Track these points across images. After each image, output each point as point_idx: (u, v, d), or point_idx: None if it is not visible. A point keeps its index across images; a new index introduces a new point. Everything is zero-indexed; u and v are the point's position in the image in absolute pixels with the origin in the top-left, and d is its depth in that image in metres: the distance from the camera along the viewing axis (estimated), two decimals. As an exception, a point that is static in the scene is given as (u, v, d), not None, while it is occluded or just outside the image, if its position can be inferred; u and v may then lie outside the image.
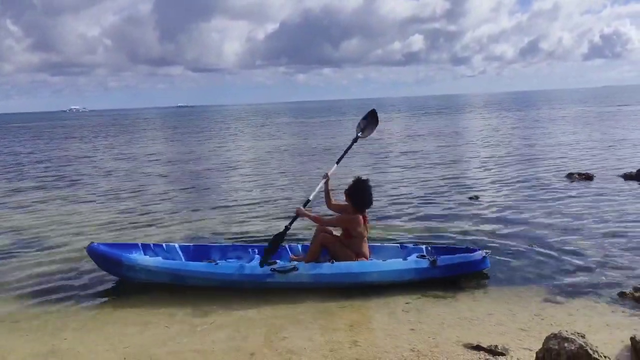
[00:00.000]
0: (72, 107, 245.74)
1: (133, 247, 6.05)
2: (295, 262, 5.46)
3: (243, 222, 8.74)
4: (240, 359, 4.02)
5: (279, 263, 5.48)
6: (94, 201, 11.20)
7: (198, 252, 6.11)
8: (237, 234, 7.89)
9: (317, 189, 5.96)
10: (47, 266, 6.53)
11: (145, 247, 6.08)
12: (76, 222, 9.08)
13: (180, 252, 6.08)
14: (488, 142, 20.75)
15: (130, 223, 8.86)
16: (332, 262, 5.38)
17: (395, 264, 5.48)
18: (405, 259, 5.64)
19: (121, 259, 5.57)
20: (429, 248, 6.01)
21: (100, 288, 5.73)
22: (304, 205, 5.84)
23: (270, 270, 5.32)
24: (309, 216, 5.72)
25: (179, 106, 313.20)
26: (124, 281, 5.77)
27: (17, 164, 19.45)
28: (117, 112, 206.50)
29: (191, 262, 5.71)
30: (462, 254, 5.64)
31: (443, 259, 5.49)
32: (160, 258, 5.79)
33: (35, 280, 6.04)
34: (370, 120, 6.71)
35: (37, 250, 7.31)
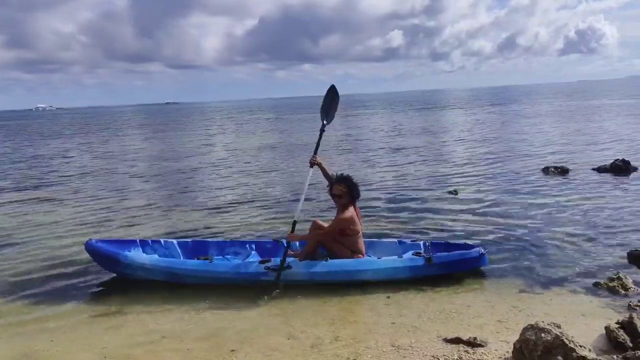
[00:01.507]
0: (39, 105, 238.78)
1: (131, 243, 6.03)
2: (290, 260, 5.39)
3: (230, 217, 8.72)
4: (221, 357, 4.00)
5: (273, 261, 5.43)
6: (71, 200, 11.01)
7: (196, 248, 6.08)
8: (226, 230, 7.89)
9: (304, 192, 5.77)
10: (21, 268, 6.40)
11: (144, 244, 6.05)
12: (52, 222, 8.90)
13: (178, 248, 6.05)
14: (466, 138, 20.95)
15: (109, 221, 8.76)
16: (327, 260, 5.38)
17: (391, 262, 5.42)
18: (401, 255, 5.61)
19: (118, 257, 5.56)
20: (427, 244, 5.85)
21: (77, 289, 5.63)
22: (292, 229, 5.61)
23: (264, 268, 5.32)
24: (302, 238, 5.65)
25: (167, 103, 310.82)
26: (101, 281, 5.72)
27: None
28: (90, 109, 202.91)
29: (187, 261, 5.70)
30: (458, 251, 5.54)
31: (439, 257, 5.40)
32: (156, 256, 5.77)
33: (10, 281, 5.92)
34: (331, 100, 6.17)
35: (11, 252, 7.16)
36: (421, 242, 5.99)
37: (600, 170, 11.39)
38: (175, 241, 6.21)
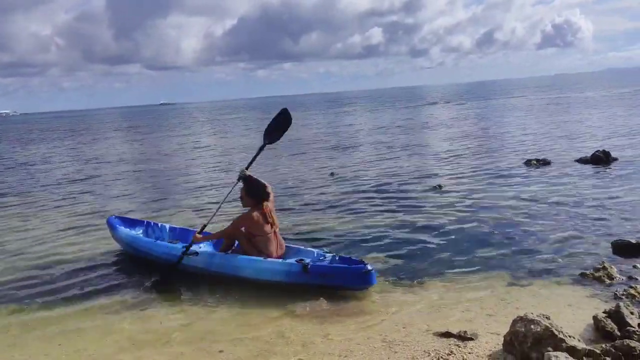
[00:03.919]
0: (1, 111, 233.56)
1: (139, 223, 7.14)
2: (206, 250, 5.78)
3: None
4: (209, 358, 3.95)
5: (192, 247, 5.72)
6: (47, 207, 10.81)
7: (181, 233, 6.73)
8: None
9: (224, 198, 6.01)
10: (2, 276, 6.26)
11: (148, 224, 7.07)
12: (32, 228, 8.74)
13: (167, 232, 6.87)
14: (448, 133, 21.10)
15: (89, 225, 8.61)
16: (227, 253, 5.64)
17: (271, 264, 5.34)
18: (285, 259, 5.51)
19: (114, 230, 6.80)
20: (336, 257, 5.46)
21: (61, 295, 5.52)
22: (200, 231, 5.76)
23: (181, 253, 5.63)
24: (206, 239, 5.80)
25: (162, 103, 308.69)
26: (84, 289, 5.70)
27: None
28: (65, 113, 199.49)
29: (143, 239, 6.51)
30: (337, 265, 5.19)
31: (315, 266, 5.10)
32: (132, 232, 6.74)
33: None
34: (278, 124, 6.18)
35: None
36: (329, 255, 5.56)
37: (581, 161, 11.56)
38: (167, 225, 7.05)
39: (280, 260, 5.47)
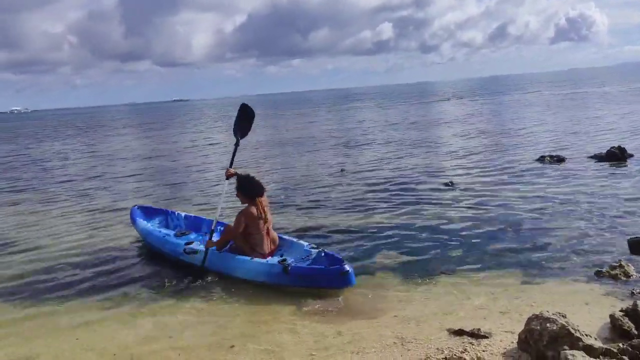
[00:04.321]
0: (13, 108, 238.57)
1: (160, 212, 7.42)
2: (200, 247, 5.84)
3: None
4: (221, 354, 3.95)
5: (194, 244, 6.02)
6: (66, 201, 10.90)
7: (194, 222, 7.00)
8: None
9: (222, 198, 6.02)
10: (16, 271, 6.33)
11: (167, 213, 7.33)
12: (47, 223, 8.81)
13: (183, 220, 7.11)
14: (461, 129, 20.94)
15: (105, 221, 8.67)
16: (220, 252, 5.69)
17: (256, 264, 5.37)
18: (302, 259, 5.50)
19: (134, 222, 7.08)
20: (321, 253, 5.45)
21: (76, 290, 5.57)
22: (210, 236, 5.84)
23: (183, 250, 5.93)
24: (215, 244, 5.73)
25: (175, 100, 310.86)
26: (96, 282, 5.76)
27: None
28: (73, 111, 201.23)
29: (154, 233, 6.63)
30: (318, 267, 5.18)
31: (295, 268, 5.11)
32: (147, 226, 6.88)
33: (6, 286, 5.85)
34: (243, 119, 6.43)
35: (9, 255, 7.08)
36: (315, 250, 5.56)
37: (596, 158, 11.40)
38: (183, 214, 7.28)
39: (265, 260, 5.46)
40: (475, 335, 3.92)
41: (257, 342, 4.10)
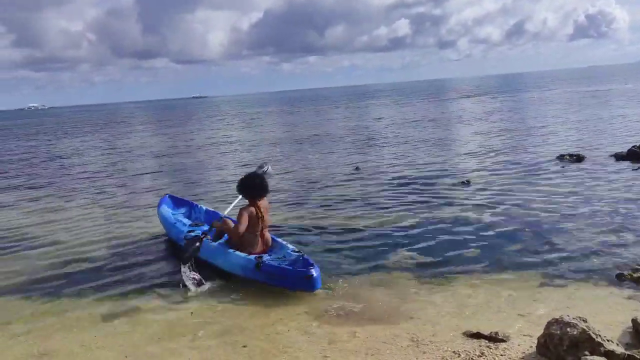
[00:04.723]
0: (30, 104, 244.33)
1: (186, 203, 7.75)
2: (199, 235, 5.81)
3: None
4: (234, 354, 3.93)
5: (194, 232, 6.23)
6: (85, 197, 11.01)
7: (213, 216, 6.94)
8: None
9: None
10: (35, 266, 6.40)
11: (191, 206, 7.66)
12: (66, 220, 8.89)
13: (203, 214, 7.36)
14: (478, 127, 20.71)
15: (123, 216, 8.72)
16: (211, 241, 5.87)
17: (235, 257, 5.48)
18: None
19: (159, 206, 7.54)
20: (300, 257, 5.35)
21: (93, 286, 5.59)
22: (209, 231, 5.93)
23: (184, 237, 6.20)
24: (217, 226, 5.92)
25: (194, 97, 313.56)
26: (116, 279, 5.79)
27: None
28: (89, 107, 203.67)
29: (169, 220, 6.99)
30: (285, 267, 5.22)
31: (266, 265, 5.21)
32: (167, 212, 7.27)
33: (23, 281, 5.93)
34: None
35: (23, 250, 7.16)
36: (295, 254, 5.52)
37: (617, 157, 11.16)
38: (204, 208, 7.55)
39: (244, 255, 5.50)
40: (493, 338, 3.85)
41: (269, 342, 4.09)
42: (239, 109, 65.45)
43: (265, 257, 5.44)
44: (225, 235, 5.95)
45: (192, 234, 6.19)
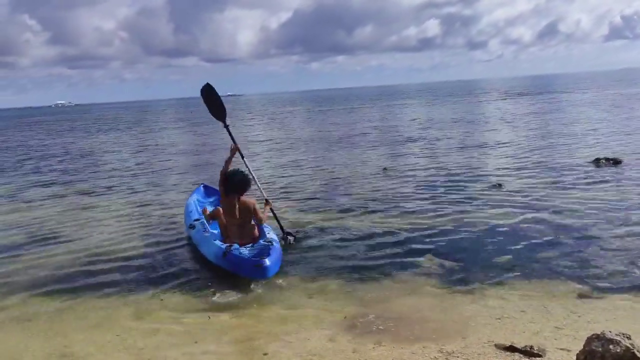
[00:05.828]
0: (58, 102, 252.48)
1: (217, 193, 7.34)
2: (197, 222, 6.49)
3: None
4: (258, 361, 3.83)
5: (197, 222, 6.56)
6: (112, 194, 11.11)
7: None
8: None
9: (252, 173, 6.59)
10: (60, 263, 6.43)
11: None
12: (92, 217, 8.96)
13: None
14: (510, 128, 20.19)
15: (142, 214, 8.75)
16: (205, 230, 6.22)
17: (211, 245, 5.78)
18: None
19: (191, 194, 7.95)
20: (267, 247, 5.57)
21: (114, 287, 5.56)
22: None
23: (189, 226, 6.65)
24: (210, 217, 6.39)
25: (229, 95, 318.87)
26: (136, 279, 5.78)
27: (28, 159, 19.55)
28: (118, 105, 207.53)
29: (188, 209, 7.23)
30: (243, 256, 5.34)
31: (230, 254, 5.36)
32: (196, 198, 7.61)
33: (48, 278, 5.95)
34: (211, 102, 6.97)
35: (49, 246, 7.21)
36: (265, 244, 5.70)
37: (656, 161, 10.70)
38: None
39: (219, 243, 5.73)
40: (528, 352, 3.64)
41: (291, 349, 3.95)
42: (269, 107, 65.68)
43: (235, 247, 5.53)
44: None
45: (195, 222, 6.55)
